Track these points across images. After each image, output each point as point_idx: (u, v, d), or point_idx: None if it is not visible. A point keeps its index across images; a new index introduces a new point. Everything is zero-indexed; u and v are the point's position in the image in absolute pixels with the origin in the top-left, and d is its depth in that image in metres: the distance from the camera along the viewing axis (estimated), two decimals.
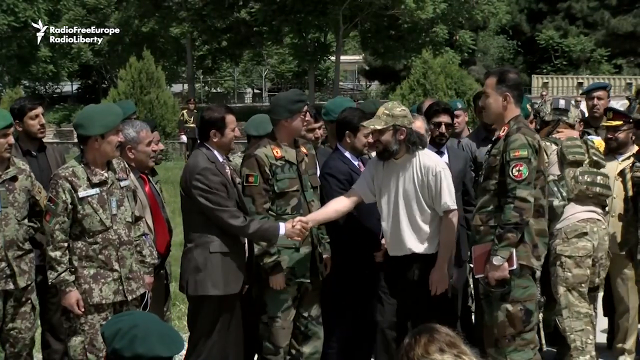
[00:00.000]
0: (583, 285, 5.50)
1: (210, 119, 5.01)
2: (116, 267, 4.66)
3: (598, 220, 5.59)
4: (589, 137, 6.09)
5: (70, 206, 4.60)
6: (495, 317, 4.72)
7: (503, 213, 4.58)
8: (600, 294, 6.34)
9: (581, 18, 45.91)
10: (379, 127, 4.90)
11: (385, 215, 5.03)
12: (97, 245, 4.63)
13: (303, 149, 5.27)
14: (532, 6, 47.29)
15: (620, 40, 44.33)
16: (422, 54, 22.16)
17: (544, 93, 31.20)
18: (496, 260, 4.59)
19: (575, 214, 5.52)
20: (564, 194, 5.40)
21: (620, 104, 11.06)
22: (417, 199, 4.91)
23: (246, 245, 5.11)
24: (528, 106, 5.97)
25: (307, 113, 5.43)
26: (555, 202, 5.30)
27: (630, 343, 6.05)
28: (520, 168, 4.56)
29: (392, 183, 4.98)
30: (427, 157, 4.97)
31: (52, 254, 4.59)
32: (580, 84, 37.47)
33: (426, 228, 4.94)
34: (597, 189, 5.58)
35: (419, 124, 5.43)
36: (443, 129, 5.86)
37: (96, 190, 4.64)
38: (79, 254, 4.63)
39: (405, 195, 4.94)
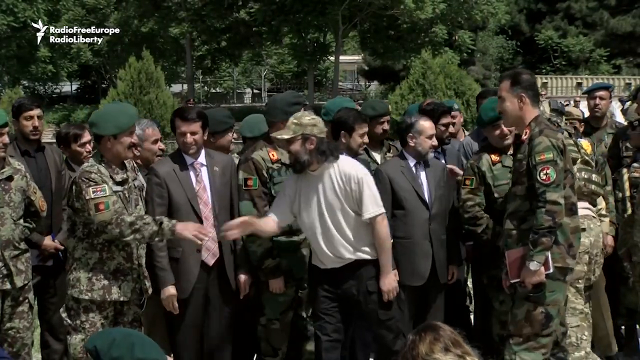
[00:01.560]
0: (580, 281, 5.48)
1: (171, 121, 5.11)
2: (135, 265, 4.67)
3: (593, 217, 5.59)
4: (578, 139, 6.09)
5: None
6: (515, 315, 4.71)
7: (535, 218, 4.53)
8: None
9: (580, 18, 45.94)
10: (286, 137, 4.73)
11: (309, 229, 4.85)
12: (119, 242, 4.59)
13: None
14: (531, 6, 47.33)
15: (619, 40, 44.37)
16: (422, 54, 22.13)
17: (542, 93, 31.20)
18: (533, 266, 4.54)
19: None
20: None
21: (617, 105, 11.09)
22: (342, 209, 4.77)
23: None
24: None
25: None
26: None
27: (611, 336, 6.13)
28: (548, 171, 4.51)
29: (313, 197, 4.80)
30: (347, 165, 4.82)
31: (129, 219, 4.45)
32: (579, 84, 37.51)
33: (359, 235, 4.81)
34: (593, 187, 5.57)
35: (429, 125, 5.43)
36: (451, 128, 5.92)
37: (119, 188, 4.63)
38: (100, 250, 4.58)
39: (329, 207, 4.76)
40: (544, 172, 4.52)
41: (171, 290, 4.85)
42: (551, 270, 4.55)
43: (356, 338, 5.50)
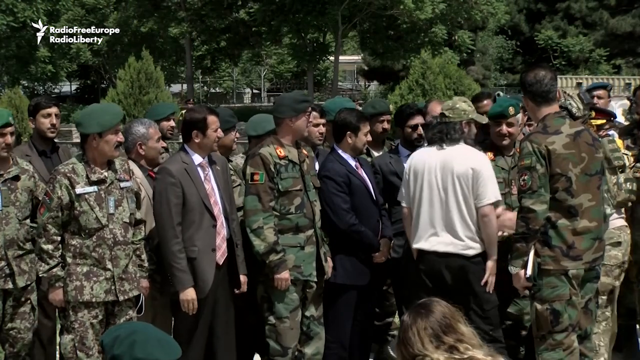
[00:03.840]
0: (605, 293, 5.46)
1: (192, 120, 4.99)
2: (109, 266, 4.68)
3: (626, 226, 5.55)
4: (610, 132, 6.01)
5: (66, 203, 4.64)
6: (531, 317, 4.79)
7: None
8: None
9: (580, 18, 45.90)
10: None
11: None
12: (91, 242, 4.65)
13: (304, 151, 5.28)
14: (530, 6, 47.28)
15: (619, 40, 44.32)
16: (421, 54, 22.10)
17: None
18: (510, 270, 4.68)
19: (611, 220, 5.34)
20: (611, 200, 5.24)
21: (619, 104, 11.05)
22: None
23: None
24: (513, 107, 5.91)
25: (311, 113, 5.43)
26: (608, 210, 5.13)
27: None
28: (525, 177, 4.56)
29: None
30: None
31: (45, 246, 4.64)
32: (579, 84, 37.42)
33: None
34: (632, 196, 5.51)
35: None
36: (420, 130, 5.83)
37: (94, 188, 4.66)
38: (73, 251, 4.67)
39: None
40: (522, 178, 4.58)
41: (192, 292, 4.82)
42: (529, 275, 4.60)
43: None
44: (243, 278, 5.11)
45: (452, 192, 4.95)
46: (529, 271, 4.60)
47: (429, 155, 5.07)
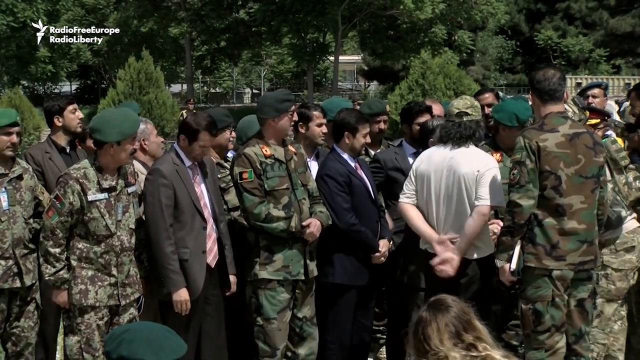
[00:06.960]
0: (621, 297, 5.46)
1: (187, 125, 4.97)
2: (114, 272, 4.67)
3: (639, 227, 5.51)
4: (608, 133, 6.00)
5: (77, 208, 4.59)
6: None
7: None
8: None
9: (580, 18, 45.92)
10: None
11: None
12: (99, 249, 4.64)
13: (292, 148, 5.27)
14: (530, 6, 47.31)
15: (618, 40, 44.35)
16: (421, 54, 22.09)
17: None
18: (496, 263, 4.71)
19: (625, 224, 5.34)
20: (624, 202, 5.25)
21: (615, 105, 11.06)
22: None
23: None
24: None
25: (295, 113, 5.43)
26: (623, 213, 5.14)
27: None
28: (514, 172, 4.59)
29: None
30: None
31: (52, 250, 4.59)
32: (578, 84, 37.42)
33: None
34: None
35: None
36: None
37: (105, 195, 4.63)
38: (79, 255, 4.64)
39: None
40: (512, 172, 4.62)
41: (185, 292, 4.82)
42: (513, 269, 4.62)
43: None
44: (233, 278, 5.11)
45: (457, 194, 4.90)
46: (514, 265, 4.62)
47: (438, 156, 5.01)
